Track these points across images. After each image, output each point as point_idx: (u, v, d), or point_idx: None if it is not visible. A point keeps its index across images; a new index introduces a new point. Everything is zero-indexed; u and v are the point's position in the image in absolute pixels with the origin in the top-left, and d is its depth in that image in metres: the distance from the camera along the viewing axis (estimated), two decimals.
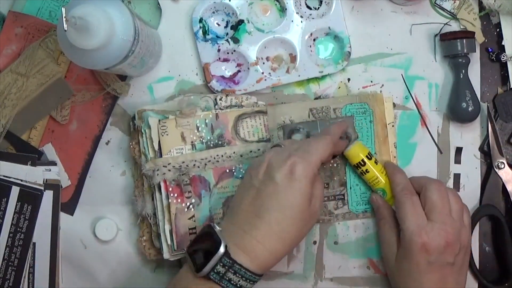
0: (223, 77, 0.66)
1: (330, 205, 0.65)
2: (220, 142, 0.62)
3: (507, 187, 0.65)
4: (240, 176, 0.62)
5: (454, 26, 0.66)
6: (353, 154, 0.62)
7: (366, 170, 0.62)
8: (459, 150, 0.66)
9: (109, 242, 0.66)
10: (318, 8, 0.67)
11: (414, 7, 0.66)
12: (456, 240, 0.57)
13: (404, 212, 0.58)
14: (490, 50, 0.66)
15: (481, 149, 0.66)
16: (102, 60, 0.53)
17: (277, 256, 0.54)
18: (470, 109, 0.63)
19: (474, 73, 0.66)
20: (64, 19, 0.47)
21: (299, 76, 0.65)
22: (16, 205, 0.63)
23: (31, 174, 0.64)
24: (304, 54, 0.65)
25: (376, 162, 0.62)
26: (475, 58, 0.66)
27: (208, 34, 0.66)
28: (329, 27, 0.65)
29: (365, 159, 0.61)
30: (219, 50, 0.65)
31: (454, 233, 0.57)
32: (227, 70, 0.67)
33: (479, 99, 0.64)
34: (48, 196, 0.64)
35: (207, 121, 0.62)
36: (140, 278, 0.66)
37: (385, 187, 0.62)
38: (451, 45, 0.64)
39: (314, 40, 0.67)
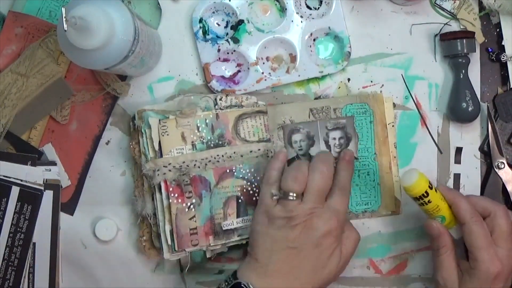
0: (223, 77, 0.66)
1: None
2: (220, 142, 0.62)
3: (507, 187, 0.65)
4: (241, 176, 0.62)
5: (454, 26, 0.66)
6: (417, 187, 0.56)
7: (429, 200, 0.57)
8: (459, 150, 0.66)
9: (109, 242, 0.66)
10: (318, 8, 0.67)
11: (414, 7, 0.66)
12: None
13: (479, 241, 0.56)
14: (490, 50, 0.66)
15: (481, 149, 0.66)
16: (102, 60, 0.53)
17: None
18: (470, 109, 0.63)
19: (474, 73, 0.66)
20: (64, 19, 0.47)
21: (299, 76, 0.65)
22: (16, 205, 0.63)
23: (31, 174, 0.64)
24: (304, 54, 0.65)
25: (435, 190, 0.58)
26: (475, 58, 0.66)
27: (208, 34, 0.66)
28: (329, 27, 0.65)
29: (428, 190, 0.56)
30: (219, 50, 0.65)
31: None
32: (227, 70, 0.67)
33: (479, 99, 0.64)
34: (48, 196, 0.64)
35: (207, 121, 0.62)
36: (140, 278, 0.66)
37: (445, 213, 0.58)
38: (451, 45, 0.64)
39: (314, 40, 0.67)
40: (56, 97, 0.64)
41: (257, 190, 0.62)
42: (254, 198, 0.62)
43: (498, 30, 0.66)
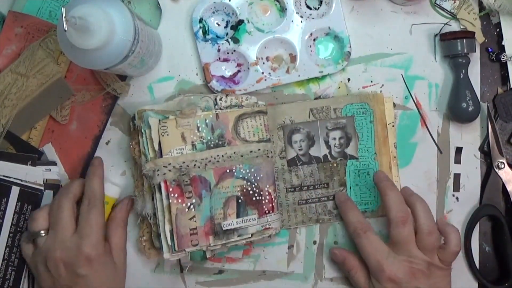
0: (223, 77, 0.66)
1: (330, 205, 0.65)
2: (220, 142, 0.62)
3: (507, 187, 0.65)
4: (241, 176, 0.62)
5: (454, 26, 0.66)
6: None
7: None
8: (459, 150, 0.66)
9: None
10: (318, 8, 0.67)
11: (414, 7, 0.66)
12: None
13: (365, 250, 0.60)
14: (490, 50, 0.66)
15: (481, 149, 0.66)
16: (102, 60, 0.53)
17: None
18: (470, 109, 0.63)
19: (474, 73, 0.66)
20: (64, 19, 0.47)
21: (299, 76, 0.65)
22: (16, 205, 0.63)
23: (31, 174, 0.64)
24: (304, 54, 0.65)
25: None
26: (475, 58, 0.66)
27: (208, 34, 0.66)
28: (329, 27, 0.65)
29: None
30: (219, 50, 0.65)
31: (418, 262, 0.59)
32: (227, 70, 0.67)
33: (479, 99, 0.65)
34: (48, 196, 0.64)
35: (207, 121, 0.62)
36: (140, 278, 0.66)
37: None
38: (451, 45, 0.64)
39: (314, 40, 0.67)
40: (56, 97, 0.64)
41: (257, 190, 0.62)
42: (254, 198, 0.62)
43: (498, 30, 0.66)
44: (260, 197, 0.62)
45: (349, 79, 0.66)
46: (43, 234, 0.60)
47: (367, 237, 0.60)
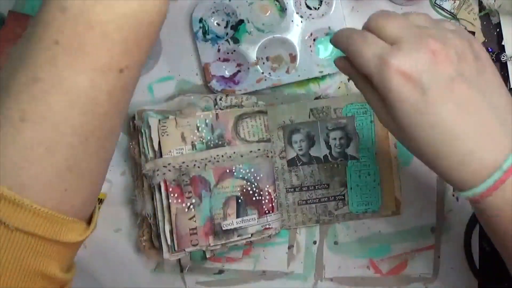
0: (223, 77, 0.66)
1: (331, 206, 0.65)
2: (220, 142, 0.62)
3: None
4: (240, 176, 0.62)
5: None
6: None
7: None
8: None
9: (109, 241, 0.66)
10: (318, 8, 0.67)
11: (414, 7, 0.66)
12: (442, 47, 0.39)
13: (356, 47, 0.42)
14: (490, 50, 0.66)
15: None
16: None
17: None
18: None
19: None
20: None
21: (299, 76, 0.65)
22: None
23: None
24: (304, 54, 0.65)
25: None
26: None
27: (208, 34, 0.66)
28: (329, 27, 0.65)
29: None
30: (219, 50, 0.65)
31: (436, 41, 0.40)
32: (227, 70, 0.67)
33: None
34: None
35: (207, 121, 0.62)
36: (140, 278, 0.66)
37: None
38: None
39: (314, 40, 0.67)
40: None
41: (257, 190, 0.62)
42: (254, 198, 0.62)
43: (498, 30, 0.66)
44: (260, 197, 0.62)
45: (349, 79, 0.66)
46: None
47: (361, 33, 0.42)
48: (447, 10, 0.66)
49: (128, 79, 0.39)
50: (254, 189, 0.62)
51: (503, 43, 0.65)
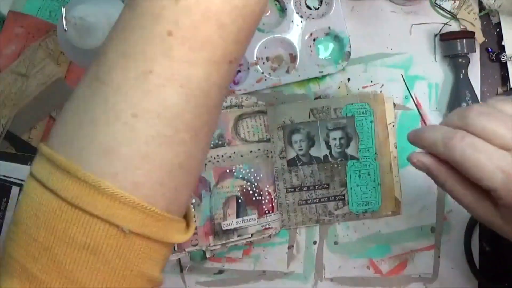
0: None
1: (330, 206, 0.65)
2: (220, 142, 0.62)
3: None
4: (240, 176, 0.62)
5: (454, 26, 0.66)
6: None
7: None
8: None
9: None
10: (318, 8, 0.67)
11: (414, 7, 0.66)
12: None
13: (473, 162, 0.39)
14: (490, 50, 0.66)
15: None
16: None
17: None
18: None
19: (474, 73, 0.66)
20: (64, 19, 0.47)
21: (299, 76, 0.65)
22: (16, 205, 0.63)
23: None
24: (304, 54, 0.65)
25: None
26: (475, 58, 0.66)
27: None
28: (329, 27, 0.65)
29: None
30: None
31: None
32: None
33: (479, 99, 0.64)
34: None
35: None
36: None
37: None
38: (451, 45, 0.64)
39: (314, 40, 0.67)
40: (56, 97, 0.64)
41: (257, 190, 0.62)
42: (254, 198, 0.62)
43: (498, 30, 0.66)
44: (260, 197, 0.62)
45: (349, 79, 0.66)
46: None
47: (472, 142, 0.39)
48: (447, 10, 0.66)
49: (233, 70, 0.38)
50: (254, 189, 0.62)
51: (503, 43, 0.65)
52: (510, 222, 0.40)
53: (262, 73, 0.65)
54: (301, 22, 0.65)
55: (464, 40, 0.63)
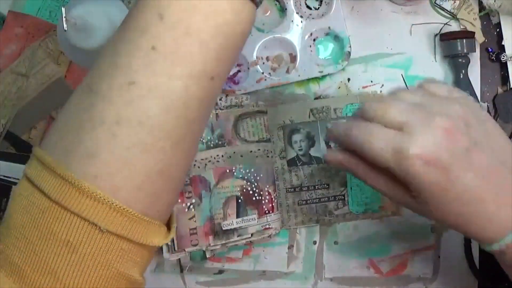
0: None
1: (331, 206, 0.65)
2: (220, 142, 0.62)
3: None
4: (240, 176, 0.62)
5: (454, 26, 0.66)
6: None
7: None
8: None
9: None
10: (318, 8, 0.67)
11: (414, 7, 0.66)
12: (451, 122, 0.41)
13: (362, 141, 0.42)
14: (490, 50, 0.66)
15: None
16: None
17: None
18: None
19: (474, 73, 0.66)
20: (64, 19, 0.47)
21: (299, 76, 0.65)
22: None
23: None
24: (304, 54, 0.65)
25: None
26: (475, 58, 0.66)
27: None
28: (329, 27, 0.65)
29: None
30: None
31: (443, 117, 0.40)
32: None
33: (479, 99, 0.64)
34: None
35: None
36: None
37: None
38: (451, 45, 0.64)
39: (314, 40, 0.67)
40: (56, 97, 0.64)
41: (257, 190, 0.62)
42: (254, 198, 0.62)
43: (498, 30, 0.66)
44: (260, 197, 0.62)
45: (349, 79, 0.66)
46: None
47: (366, 125, 0.43)
48: (447, 10, 0.66)
49: (217, 86, 0.40)
50: (254, 189, 0.62)
51: (503, 43, 0.65)
52: (421, 202, 0.42)
53: (262, 73, 0.65)
54: (301, 22, 0.65)
55: (464, 40, 0.63)
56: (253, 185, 0.62)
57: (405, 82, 0.66)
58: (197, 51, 0.37)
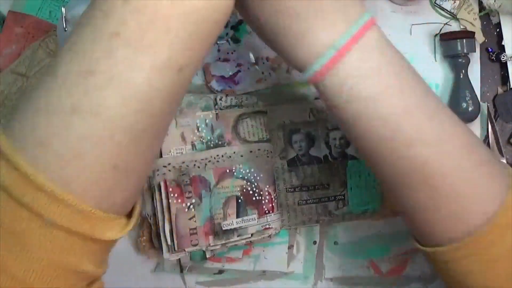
0: (223, 77, 0.66)
1: (331, 206, 0.65)
2: (220, 142, 0.62)
3: None
4: (240, 176, 0.62)
5: (454, 26, 0.66)
6: None
7: None
8: None
9: None
10: None
11: (414, 7, 0.66)
12: None
13: None
14: (490, 50, 0.66)
15: None
16: None
17: None
18: (470, 109, 0.63)
19: (474, 73, 0.66)
20: (64, 19, 0.47)
21: (299, 76, 0.65)
22: None
23: None
24: None
25: None
26: (475, 58, 0.66)
27: None
28: None
29: None
30: (219, 50, 0.65)
31: None
32: (227, 70, 0.67)
33: (479, 99, 0.64)
34: None
35: (207, 121, 0.62)
36: (140, 278, 0.66)
37: None
38: (451, 45, 0.64)
39: None
40: None
41: (257, 190, 0.62)
42: (254, 198, 0.62)
43: (498, 30, 0.66)
44: (260, 197, 0.62)
45: None
46: None
47: None
48: (447, 10, 0.66)
49: (185, 78, 0.37)
50: (254, 189, 0.62)
51: (503, 43, 0.65)
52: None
53: (262, 73, 0.65)
54: None
55: (464, 40, 0.63)
56: (253, 185, 0.62)
57: None
58: (163, 39, 0.34)
